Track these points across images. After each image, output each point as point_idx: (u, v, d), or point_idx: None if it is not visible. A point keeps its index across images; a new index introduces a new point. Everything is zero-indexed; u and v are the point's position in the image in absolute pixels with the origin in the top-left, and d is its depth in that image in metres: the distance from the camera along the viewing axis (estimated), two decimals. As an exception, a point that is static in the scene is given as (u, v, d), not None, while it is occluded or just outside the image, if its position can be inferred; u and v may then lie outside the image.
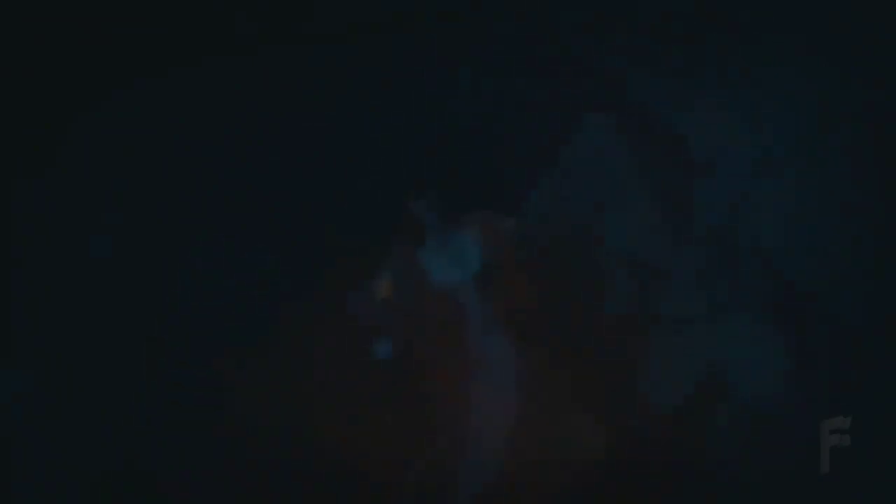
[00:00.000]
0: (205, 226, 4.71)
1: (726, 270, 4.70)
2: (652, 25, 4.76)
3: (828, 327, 4.62)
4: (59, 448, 4.46)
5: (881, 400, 4.57)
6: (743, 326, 4.67)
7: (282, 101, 4.84)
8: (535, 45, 4.87)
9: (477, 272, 4.40)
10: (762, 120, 4.76)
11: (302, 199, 4.73)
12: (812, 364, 4.62)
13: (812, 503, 4.51)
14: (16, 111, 4.80)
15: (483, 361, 4.38)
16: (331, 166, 4.77)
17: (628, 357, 4.60)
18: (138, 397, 4.49)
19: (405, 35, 4.86)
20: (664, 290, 4.69)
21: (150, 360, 4.53)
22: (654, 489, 4.49)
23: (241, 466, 4.42)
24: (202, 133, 4.81)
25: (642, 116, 4.75)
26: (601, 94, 4.75)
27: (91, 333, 4.58)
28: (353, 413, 4.40)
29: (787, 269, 4.67)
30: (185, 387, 4.48)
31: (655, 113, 4.74)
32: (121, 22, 4.87)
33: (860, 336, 4.60)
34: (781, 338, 4.64)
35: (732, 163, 4.77)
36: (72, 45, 4.84)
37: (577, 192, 4.68)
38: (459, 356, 4.44)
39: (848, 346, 4.61)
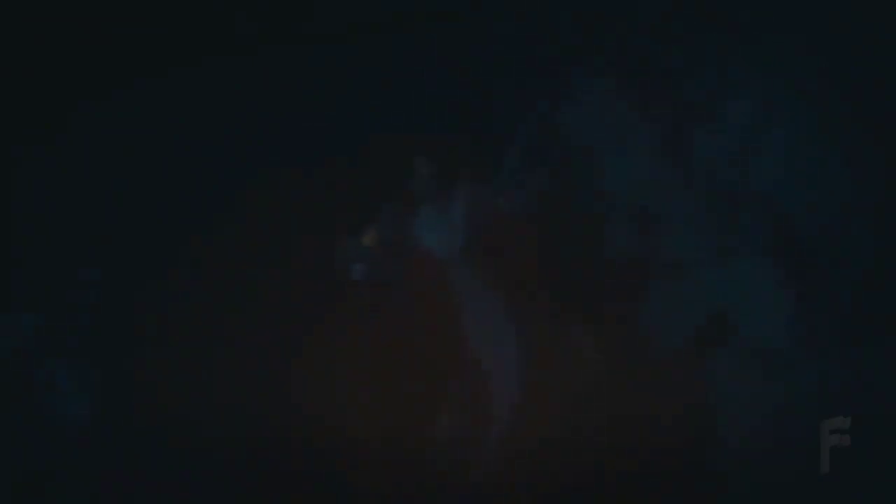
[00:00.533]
0: (207, 215, 4.72)
1: (728, 215, 4.71)
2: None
3: (830, 271, 4.62)
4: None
5: (882, 342, 4.57)
6: (745, 271, 4.67)
7: (282, 100, 4.84)
8: (535, 46, 4.88)
9: (462, 242, 4.58)
10: (765, 67, 4.76)
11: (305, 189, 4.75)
12: (815, 308, 4.62)
13: (812, 503, 4.51)
14: (16, 110, 4.80)
15: (472, 323, 4.51)
16: (331, 155, 4.78)
17: (629, 302, 4.63)
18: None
19: (405, 35, 4.86)
20: (665, 235, 4.71)
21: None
22: (658, 437, 4.50)
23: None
24: (202, 130, 4.81)
25: (643, 63, 4.76)
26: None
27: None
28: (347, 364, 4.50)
29: (790, 213, 4.67)
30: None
31: (657, 59, 4.75)
32: (121, 22, 4.87)
33: (862, 279, 4.60)
34: (784, 282, 4.64)
35: (735, 108, 4.77)
36: (72, 45, 4.85)
37: (576, 141, 4.71)
38: (448, 316, 4.54)
39: (851, 289, 4.61)
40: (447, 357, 4.56)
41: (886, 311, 4.58)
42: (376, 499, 4.46)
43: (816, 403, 4.53)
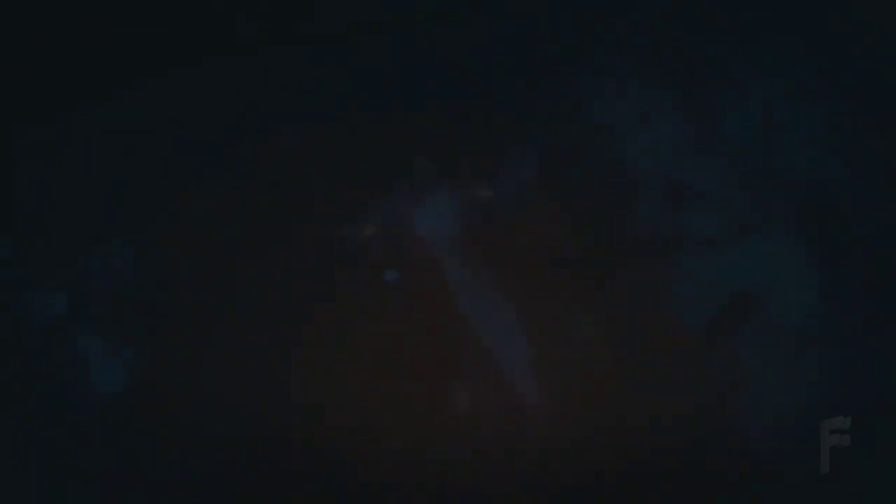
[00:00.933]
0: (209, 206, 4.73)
1: (757, 190, 4.70)
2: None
3: (858, 249, 4.61)
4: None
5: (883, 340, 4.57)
6: (771, 248, 4.66)
7: (282, 99, 4.84)
8: (535, 46, 4.88)
9: (454, 232, 4.65)
10: (791, 42, 4.75)
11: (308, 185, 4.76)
12: (842, 285, 4.62)
13: (812, 503, 4.51)
14: (16, 109, 4.81)
15: (463, 303, 4.58)
16: (331, 153, 4.79)
17: (656, 277, 4.65)
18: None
19: (405, 35, 4.86)
20: (694, 209, 4.72)
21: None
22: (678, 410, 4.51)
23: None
24: (202, 127, 4.82)
25: (669, 39, 4.76)
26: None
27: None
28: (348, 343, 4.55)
29: (818, 188, 4.66)
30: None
31: (684, 36, 4.74)
32: (122, 22, 4.87)
33: (892, 258, 4.59)
34: (810, 260, 4.64)
35: (762, 82, 4.77)
36: (72, 45, 4.85)
37: (605, 117, 4.72)
38: (440, 298, 4.60)
39: (878, 265, 4.60)
40: (450, 348, 4.58)
41: None
42: (380, 496, 4.46)
43: (839, 382, 4.53)
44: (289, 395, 4.50)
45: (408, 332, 4.59)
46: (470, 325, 4.58)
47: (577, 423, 4.51)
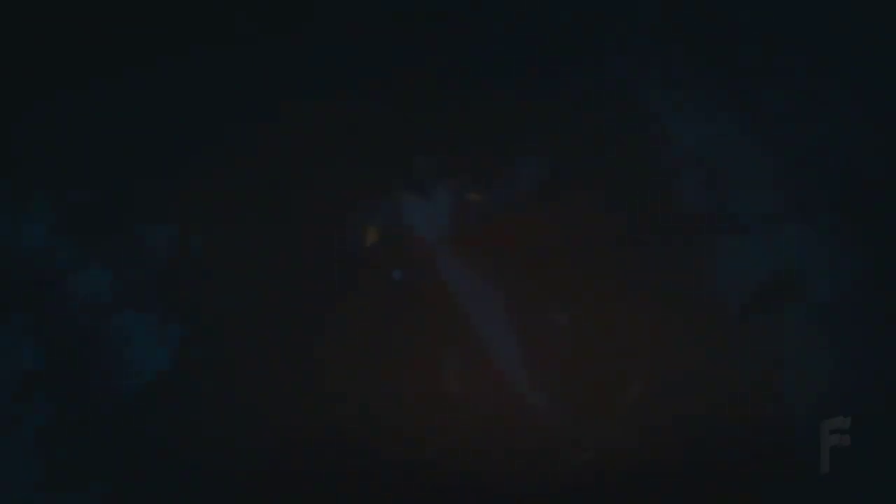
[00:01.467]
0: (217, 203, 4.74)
1: (797, 172, 4.71)
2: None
3: None
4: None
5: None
6: (810, 228, 4.65)
7: (282, 98, 4.85)
8: (535, 45, 4.89)
9: (448, 231, 4.69)
10: (831, 26, 4.75)
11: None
12: (883, 266, 4.61)
13: (812, 503, 4.50)
14: (17, 108, 4.81)
15: (460, 298, 4.60)
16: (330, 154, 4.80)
17: (697, 257, 4.65)
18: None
19: (405, 35, 4.87)
20: (734, 190, 4.71)
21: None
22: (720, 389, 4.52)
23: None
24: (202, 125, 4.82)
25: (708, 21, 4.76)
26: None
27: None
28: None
29: (859, 170, 4.67)
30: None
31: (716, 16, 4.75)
32: (122, 22, 4.88)
33: None
34: (850, 240, 4.62)
35: (798, 64, 4.77)
36: (71, 46, 4.86)
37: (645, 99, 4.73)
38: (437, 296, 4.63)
39: None
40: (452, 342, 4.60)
41: None
42: (382, 494, 4.46)
43: (877, 356, 4.53)
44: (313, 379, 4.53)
45: (428, 325, 4.61)
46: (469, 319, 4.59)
47: (613, 402, 4.52)
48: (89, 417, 4.50)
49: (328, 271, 4.63)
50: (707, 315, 4.61)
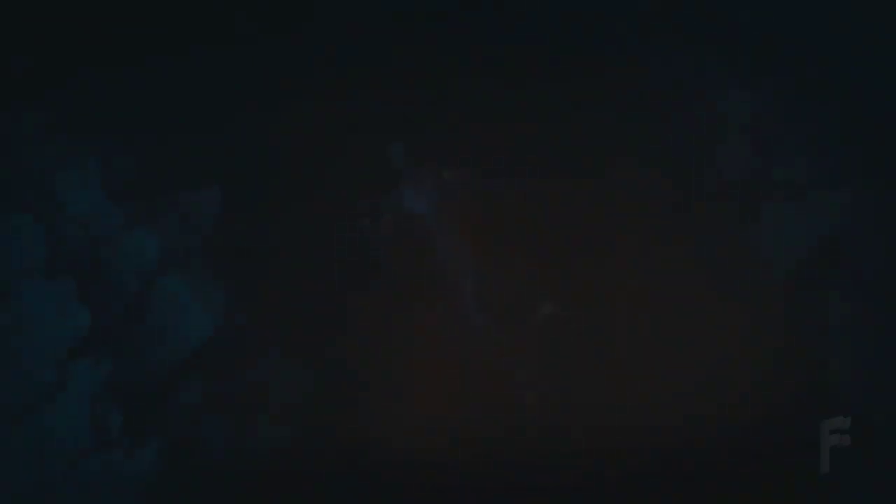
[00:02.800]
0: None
1: (843, 137, 4.69)
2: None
3: None
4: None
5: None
6: (859, 194, 4.64)
7: (281, 96, 4.84)
8: (534, 45, 4.89)
9: (436, 206, 4.76)
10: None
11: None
12: None
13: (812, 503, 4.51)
14: (17, 107, 4.78)
15: (447, 273, 4.64)
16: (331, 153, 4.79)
17: (742, 222, 4.65)
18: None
19: (405, 35, 4.87)
20: (779, 155, 4.69)
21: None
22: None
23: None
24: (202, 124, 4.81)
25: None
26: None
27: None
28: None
29: None
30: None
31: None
32: (122, 21, 4.86)
33: None
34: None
35: (847, 26, 4.74)
36: (71, 45, 4.84)
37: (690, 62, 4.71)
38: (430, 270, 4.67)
39: None
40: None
41: None
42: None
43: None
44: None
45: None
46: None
47: (670, 366, 4.55)
48: (136, 384, 4.54)
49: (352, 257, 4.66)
50: (755, 280, 4.61)
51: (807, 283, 4.58)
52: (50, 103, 4.70)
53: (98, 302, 4.59)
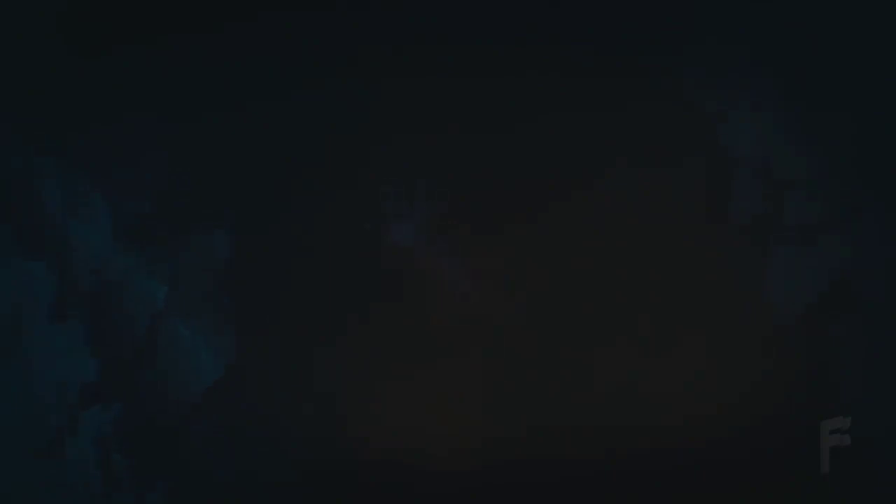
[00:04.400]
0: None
1: (854, 175, 4.58)
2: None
3: None
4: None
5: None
6: (870, 235, 4.55)
7: (281, 95, 4.84)
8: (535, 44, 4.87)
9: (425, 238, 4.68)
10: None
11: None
12: None
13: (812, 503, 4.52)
14: (17, 107, 4.82)
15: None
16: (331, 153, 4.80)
17: (751, 266, 4.57)
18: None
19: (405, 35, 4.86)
20: (789, 196, 4.61)
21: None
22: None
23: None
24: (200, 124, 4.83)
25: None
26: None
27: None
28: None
29: None
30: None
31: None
32: (121, 21, 4.87)
33: None
34: None
35: (858, 60, 4.61)
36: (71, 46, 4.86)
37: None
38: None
39: None
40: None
41: None
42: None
43: None
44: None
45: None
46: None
47: (667, 408, 4.54)
48: (145, 427, 4.55)
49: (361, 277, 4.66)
50: (763, 324, 4.56)
51: (817, 325, 4.52)
52: (63, 148, 4.69)
53: (107, 345, 4.59)
